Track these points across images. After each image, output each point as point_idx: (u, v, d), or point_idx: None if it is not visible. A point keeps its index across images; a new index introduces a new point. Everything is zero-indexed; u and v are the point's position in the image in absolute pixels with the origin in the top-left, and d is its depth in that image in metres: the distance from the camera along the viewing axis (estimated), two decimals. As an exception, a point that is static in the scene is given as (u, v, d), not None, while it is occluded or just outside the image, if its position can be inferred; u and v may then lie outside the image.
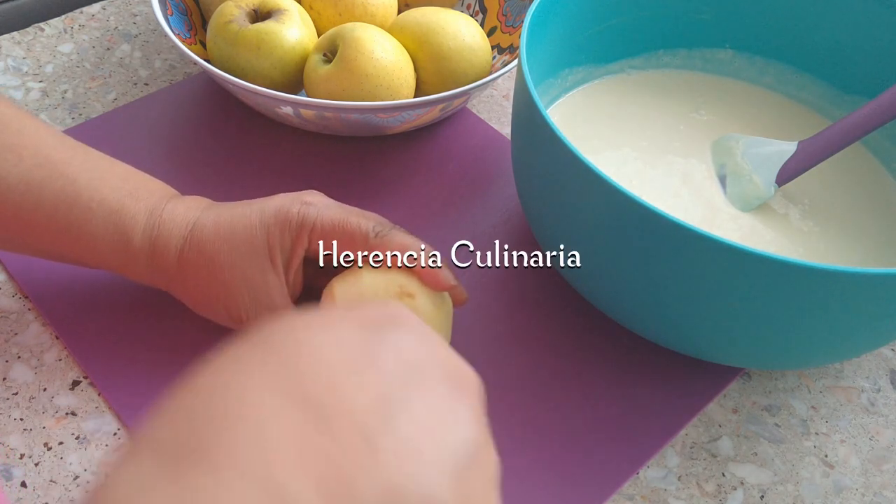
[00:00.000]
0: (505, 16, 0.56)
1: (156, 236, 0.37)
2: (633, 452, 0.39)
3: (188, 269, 0.37)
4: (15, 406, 0.38)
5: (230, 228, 0.36)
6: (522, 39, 0.39)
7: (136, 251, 0.37)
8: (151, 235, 0.37)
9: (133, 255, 0.37)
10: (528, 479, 0.37)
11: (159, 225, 0.37)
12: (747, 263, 0.31)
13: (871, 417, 0.42)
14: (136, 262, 0.37)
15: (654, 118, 0.50)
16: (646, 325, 0.39)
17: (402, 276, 0.36)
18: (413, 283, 0.36)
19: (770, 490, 0.38)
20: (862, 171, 0.49)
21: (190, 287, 0.38)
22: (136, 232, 0.37)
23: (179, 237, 0.37)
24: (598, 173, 0.33)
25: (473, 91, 0.47)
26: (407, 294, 0.35)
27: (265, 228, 0.36)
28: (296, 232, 0.36)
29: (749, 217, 0.45)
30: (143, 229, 0.37)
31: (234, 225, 0.36)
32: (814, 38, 0.50)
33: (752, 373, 0.43)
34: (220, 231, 0.36)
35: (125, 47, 0.58)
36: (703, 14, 0.50)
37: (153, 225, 0.37)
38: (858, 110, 0.43)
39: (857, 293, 0.32)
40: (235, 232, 0.36)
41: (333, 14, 0.51)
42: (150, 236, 0.37)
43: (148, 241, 0.37)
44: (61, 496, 0.35)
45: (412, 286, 0.35)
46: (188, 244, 0.37)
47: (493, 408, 0.40)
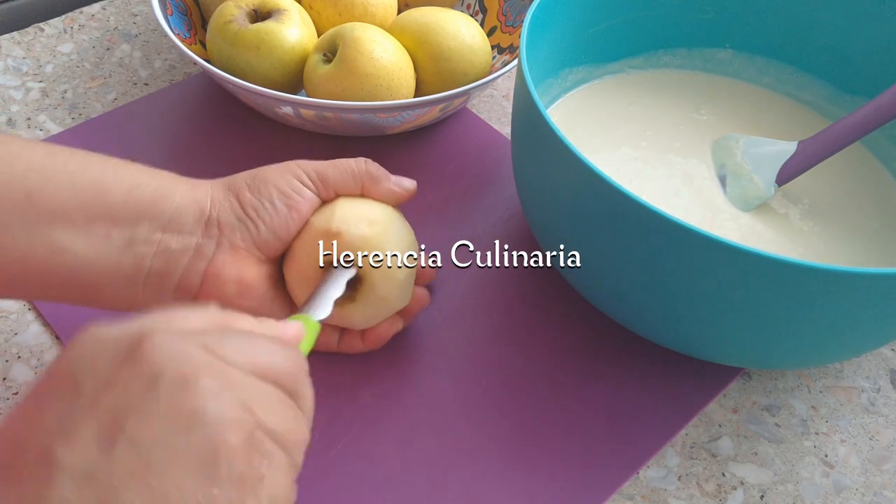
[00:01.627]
0: (505, 15, 0.56)
1: (212, 198, 0.36)
2: (633, 452, 0.39)
3: (249, 210, 0.36)
4: (15, 406, 0.38)
5: (254, 175, 0.37)
6: (522, 39, 0.39)
7: (191, 229, 0.35)
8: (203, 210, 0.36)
9: (209, 222, 0.35)
10: (528, 479, 0.37)
11: (204, 192, 0.36)
12: (747, 263, 0.31)
13: (871, 417, 0.42)
14: (211, 228, 0.35)
15: (654, 118, 0.50)
16: (646, 325, 0.39)
17: (322, 219, 0.36)
18: (334, 218, 0.36)
19: (770, 490, 0.38)
20: (862, 171, 0.49)
21: (261, 226, 0.36)
22: (207, 201, 0.36)
23: (224, 197, 0.36)
24: (598, 173, 0.33)
25: (473, 91, 0.47)
26: (332, 235, 0.36)
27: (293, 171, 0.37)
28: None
29: (749, 217, 0.45)
30: (207, 197, 0.36)
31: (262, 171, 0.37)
32: (814, 38, 0.50)
33: (752, 373, 0.43)
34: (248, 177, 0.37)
35: (125, 47, 0.58)
36: (703, 14, 0.50)
37: (205, 194, 0.36)
38: (858, 110, 0.43)
39: (858, 293, 0.32)
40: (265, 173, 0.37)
41: (333, 14, 0.51)
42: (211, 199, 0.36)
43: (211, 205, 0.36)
44: (61, 496, 0.35)
45: (334, 222, 0.36)
46: (230, 195, 0.36)
47: (493, 408, 0.40)
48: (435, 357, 0.41)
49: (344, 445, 0.37)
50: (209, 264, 0.35)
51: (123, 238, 0.34)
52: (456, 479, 0.37)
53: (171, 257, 0.35)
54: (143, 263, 0.34)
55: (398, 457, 0.37)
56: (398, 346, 0.41)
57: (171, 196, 0.35)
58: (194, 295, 0.35)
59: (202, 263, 0.35)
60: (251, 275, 0.36)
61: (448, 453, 0.38)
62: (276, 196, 0.36)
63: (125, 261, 0.34)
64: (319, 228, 0.36)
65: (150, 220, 0.34)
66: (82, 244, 0.33)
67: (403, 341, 0.42)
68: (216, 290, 0.35)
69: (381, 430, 0.38)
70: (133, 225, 0.34)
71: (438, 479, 0.37)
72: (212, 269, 0.35)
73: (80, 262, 0.33)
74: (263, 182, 0.36)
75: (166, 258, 0.35)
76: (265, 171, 0.37)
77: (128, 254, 0.34)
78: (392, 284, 0.37)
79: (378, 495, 0.36)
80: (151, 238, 0.34)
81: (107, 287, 0.34)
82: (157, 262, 0.34)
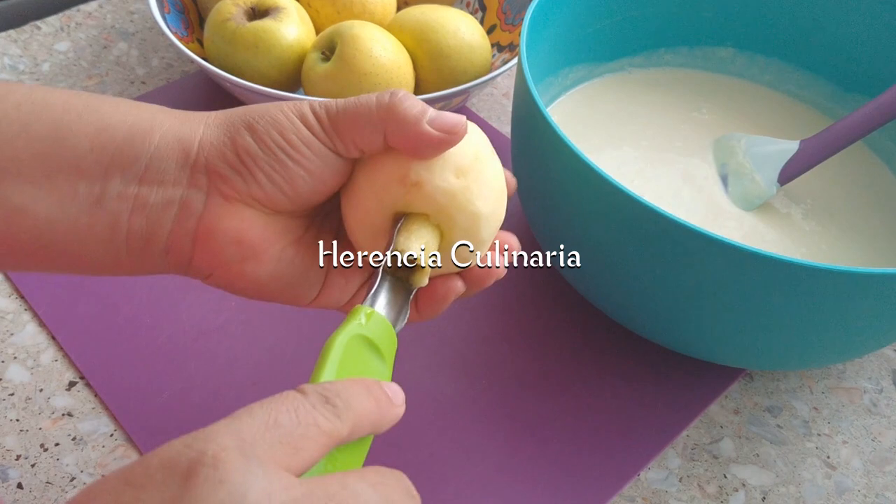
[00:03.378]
0: (504, 13, 0.55)
1: (201, 139, 0.29)
2: (634, 454, 0.38)
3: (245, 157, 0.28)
4: (11, 407, 0.38)
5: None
6: (522, 37, 0.39)
7: (196, 160, 0.29)
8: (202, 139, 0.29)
9: (195, 168, 0.29)
10: (529, 480, 0.37)
11: (192, 130, 0.29)
12: (749, 263, 0.31)
13: (873, 418, 0.41)
14: (198, 175, 0.28)
15: (655, 117, 0.49)
16: (646, 326, 0.39)
17: (397, 160, 0.29)
18: (414, 162, 0.29)
19: (772, 491, 0.38)
20: (864, 170, 0.48)
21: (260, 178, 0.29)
22: (194, 141, 0.28)
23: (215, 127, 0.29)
24: (599, 172, 0.33)
25: (473, 89, 0.47)
26: (411, 185, 0.29)
27: None
28: None
29: (751, 216, 0.44)
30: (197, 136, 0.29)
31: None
32: (816, 37, 0.49)
33: (754, 373, 0.43)
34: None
35: (122, 45, 0.57)
36: (704, 12, 0.50)
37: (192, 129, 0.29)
38: (860, 109, 0.42)
39: (860, 293, 0.32)
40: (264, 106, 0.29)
41: (332, 12, 0.51)
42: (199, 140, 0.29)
43: (199, 147, 0.29)
44: (57, 497, 0.35)
45: (414, 168, 0.29)
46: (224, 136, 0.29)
47: (494, 408, 0.40)
48: (435, 357, 0.41)
49: (342, 447, 0.37)
50: (199, 221, 0.28)
51: (92, 194, 0.27)
52: (456, 480, 0.37)
53: (152, 214, 0.28)
54: (120, 223, 0.28)
55: (397, 457, 0.37)
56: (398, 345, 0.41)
57: (149, 137, 0.28)
58: (189, 256, 0.29)
59: (191, 220, 0.28)
60: (255, 232, 0.29)
61: (448, 454, 0.38)
62: (280, 144, 0.28)
63: (97, 221, 0.28)
64: (394, 172, 0.29)
65: (122, 170, 0.28)
66: (43, 203, 0.27)
67: (403, 340, 0.41)
68: (212, 253, 0.29)
69: (380, 432, 0.38)
70: (103, 177, 0.28)
71: (438, 479, 0.37)
72: (203, 226, 0.28)
73: (44, 225, 0.27)
74: (266, 124, 0.28)
75: (146, 215, 0.28)
76: (272, 109, 0.29)
77: (99, 212, 0.28)
78: (475, 247, 0.30)
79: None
80: (126, 192, 0.28)
81: (81, 252, 0.28)
82: (136, 221, 0.28)
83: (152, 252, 0.29)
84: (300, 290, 0.31)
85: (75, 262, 0.29)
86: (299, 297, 0.31)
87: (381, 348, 0.28)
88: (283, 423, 0.22)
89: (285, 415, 0.22)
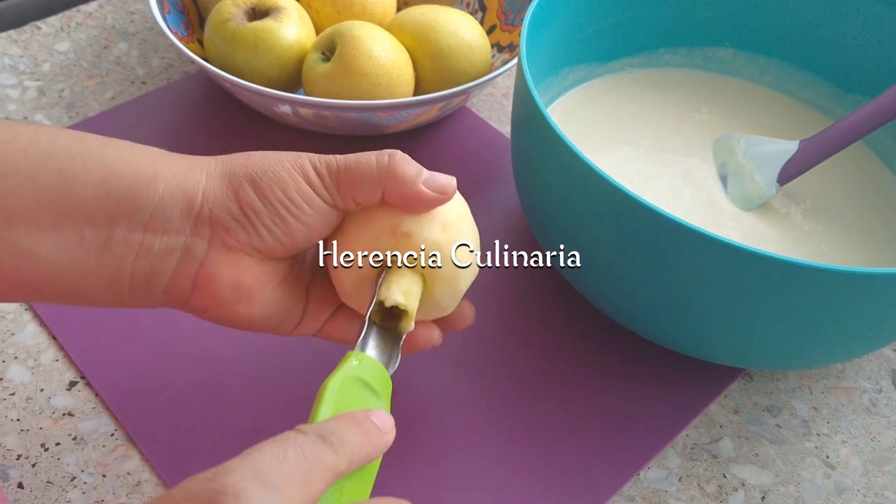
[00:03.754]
0: (504, 14, 0.55)
1: (204, 190, 0.31)
2: (634, 453, 0.38)
3: (248, 212, 0.31)
4: (12, 407, 0.38)
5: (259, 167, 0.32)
6: (522, 37, 0.39)
7: (200, 211, 0.31)
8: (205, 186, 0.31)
9: (199, 219, 0.31)
10: (529, 479, 0.37)
11: (195, 180, 0.31)
12: (749, 263, 0.31)
13: (872, 418, 0.41)
14: (201, 226, 0.31)
15: (654, 117, 0.50)
16: (646, 326, 0.39)
17: (389, 212, 0.32)
18: (405, 215, 0.32)
19: (771, 491, 0.38)
20: (864, 171, 0.49)
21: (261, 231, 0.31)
22: (198, 192, 0.30)
23: (221, 181, 0.31)
24: (599, 172, 0.33)
25: (473, 90, 0.47)
26: (401, 235, 0.32)
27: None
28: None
29: (751, 216, 0.44)
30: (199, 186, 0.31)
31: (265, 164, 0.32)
32: (815, 37, 0.49)
33: (754, 373, 0.43)
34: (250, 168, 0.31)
35: (122, 46, 0.57)
36: (703, 12, 0.50)
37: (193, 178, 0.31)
38: (860, 109, 0.43)
39: (859, 293, 0.32)
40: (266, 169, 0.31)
41: (332, 12, 0.51)
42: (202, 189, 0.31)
43: (202, 196, 0.31)
44: (58, 497, 0.35)
45: (405, 221, 0.32)
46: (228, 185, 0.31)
47: (493, 408, 0.40)
48: (435, 357, 0.41)
49: (342, 447, 0.37)
50: (200, 267, 0.31)
51: (98, 240, 0.29)
52: (455, 480, 0.37)
53: (156, 260, 0.30)
54: (124, 268, 0.30)
55: (397, 457, 0.37)
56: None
57: (153, 186, 0.30)
58: (185, 299, 0.32)
59: (192, 266, 0.31)
60: (250, 277, 0.31)
61: (447, 453, 0.38)
62: (282, 202, 0.31)
63: (103, 265, 0.30)
64: (386, 224, 0.32)
65: (127, 218, 0.29)
66: (51, 247, 0.29)
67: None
68: (210, 296, 0.31)
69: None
70: (108, 224, 0.29)
71: (438, 479, 0.37)
72: (203, 272, 0.31)
73: (51, 268, 0.29)
74: (269, 181, 0.31)
75: (150, 261, 0.30)
76: (274, 164, 0.31)
77: (105, 258, 0.30)
78: (451, 292, 0.33)
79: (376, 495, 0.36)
80: (131, 239, 0.30)
81: (86, 291, 0.30)
82: (140, 266, 0.30)
83: (153, 292, 0.31)
84: (284, 324, 0.34)
85: (80, 299, 0.31)
86: (283, 328, 0.35)
87: (376, 387, 0.30)
88: (291, 459, 0.24)
89: (292, 451, 0.24)
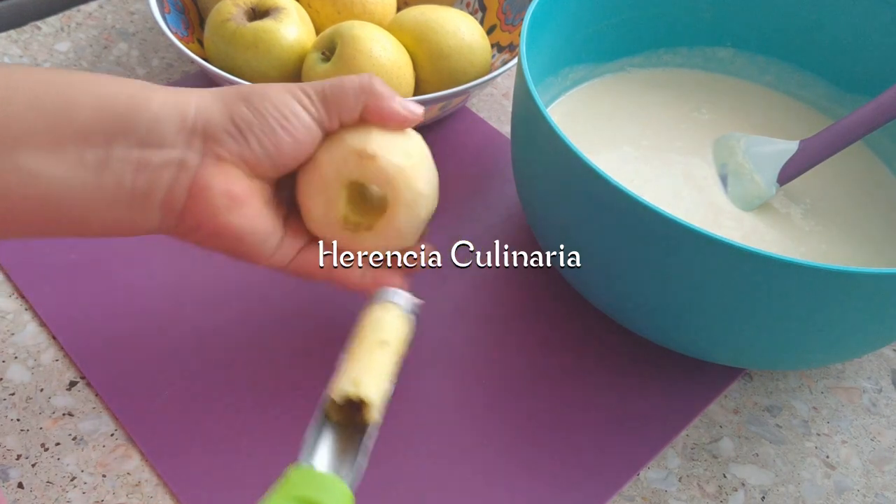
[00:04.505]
0: (504, 14, 0.55)
1: (197, 105, 0.32)
2: (634, 453, 0.38)
3: (240, 123, 0.33)
4: (12, 406, 0.38)
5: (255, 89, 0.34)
6: (522, 37, 0.39)
7: (193, 125, 0.32)
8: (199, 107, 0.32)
9: (193, 133, 0.32)
10: (528, 480, 0.37)
11: (187, 99, 0.33)
12: (749, 263, 0.31)
13: (872, 418, 0.41)
14: (194, 139, 0.32)
15: (654, 117, 0.50)
16: (646, 326, 0.39)
17: (357, 138, 0.34)
18: (371, 140, 0.34)
19: (771, 491, 0.38)
20: (864, 171, 0.49)
21: (252, 142, 0.33)
22: (190, 107, 0.32)
23: (218, 100, 0.33)
24: (599, 172, 0.33)
25: (473, 90, 0.47)
26: (367, 157, 0.34)
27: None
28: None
29: (751, 216, 0.44)
30: (192, 108, 0.32)
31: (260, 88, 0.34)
32: (815, 37, 0.49)
33: (753, 373, 0.43)
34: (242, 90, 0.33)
35: (122, 45, 0.57)
36: (703, 12, 0.50)
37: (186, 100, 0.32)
38: (860, 109, 0.42)
39: (859, 293, 0.32)
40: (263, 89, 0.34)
41: (332, 12, 0.51)
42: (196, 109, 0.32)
43: (197, 114, 0.32)
44: (58, 497, 0.35)
45: (371, 145, 0.34)
46: (226, 106, 0.33)
47: (493, 408, 0.40)
48: (435, 357, 0.41)
49: (342, 447, 0.37)
50: (195, 177, 0.32)
51: (98, 159, 0.31)
52: (455, 480, 0.37)
53: (154, 174, 0.32)
54: (124, 183, 0.31)
55: (397, 457, 0.37)
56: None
57: (147, 104, 0.31)
58: (181, 209, 0.33)
59: (186, 177, 0.32)
60: (241, 188, 0.33)
61: (448, 453, 0.38)
62: (273, 115, 0.33)
63: (104, 183, 0.31)
64: (354, 147, 0.34)
65: (125, 136, 0.31)
66: (56, 169, 0.30)
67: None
68: (204, 204, 0.33)
69: (381, 430, 0.38)
70: (107, 143, 0.31)
71: (438, 479, 0.37)
72: (198, 181, 0.32)
73: (56, 188, 0.30)
74: (260, 97, 0.33)
75: (148, 175, 0.32)
76: (264, 86, 0.34)
77: (106, 175, 0.31)
78: (413, 222, 0.35)
79: (377, 495, 0.36)
80: (129, 156, 0.31)
81: (89, 212, 0.32)
82: (139, 181, 0.32)
83: (150, 206, 0.33)
84: (266, 245, 0.35)
85: (83, 226, 0.32)
86: (263, 250, 0.35)
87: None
88: None
89: None
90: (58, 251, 0.44)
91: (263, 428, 0.37)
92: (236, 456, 0.37)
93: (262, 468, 0.36)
